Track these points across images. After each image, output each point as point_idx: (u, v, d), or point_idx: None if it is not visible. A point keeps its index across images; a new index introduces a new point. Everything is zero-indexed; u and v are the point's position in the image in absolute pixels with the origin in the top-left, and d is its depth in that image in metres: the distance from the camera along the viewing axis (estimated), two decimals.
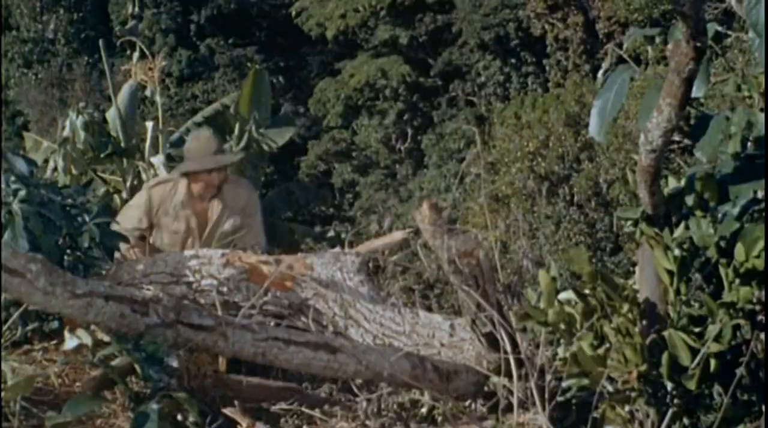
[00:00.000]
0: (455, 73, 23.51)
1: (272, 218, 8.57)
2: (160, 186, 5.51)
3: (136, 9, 10.97)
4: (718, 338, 2.93)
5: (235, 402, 3.43)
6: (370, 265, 4.87)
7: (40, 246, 3.73)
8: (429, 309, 5.17)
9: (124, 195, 7.61)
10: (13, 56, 28.24)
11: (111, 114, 8.07)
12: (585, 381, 3.10)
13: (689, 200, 3.14)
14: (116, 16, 27.21)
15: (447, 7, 24.36)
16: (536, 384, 3.13)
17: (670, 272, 3.06)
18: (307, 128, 24.15)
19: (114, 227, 4.34)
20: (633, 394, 3.05)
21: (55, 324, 3.84)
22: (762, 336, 2.98)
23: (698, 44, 2.71)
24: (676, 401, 3.05)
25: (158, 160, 7.66)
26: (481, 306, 3.29)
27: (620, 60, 3.41)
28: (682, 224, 3.12)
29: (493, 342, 3.37)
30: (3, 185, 3.83)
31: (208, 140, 5.48)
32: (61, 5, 28.77)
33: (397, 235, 4.84)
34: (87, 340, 3.52)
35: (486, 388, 3.59)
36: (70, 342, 3.59)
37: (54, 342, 3.81)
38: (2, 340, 3.59)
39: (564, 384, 3.21)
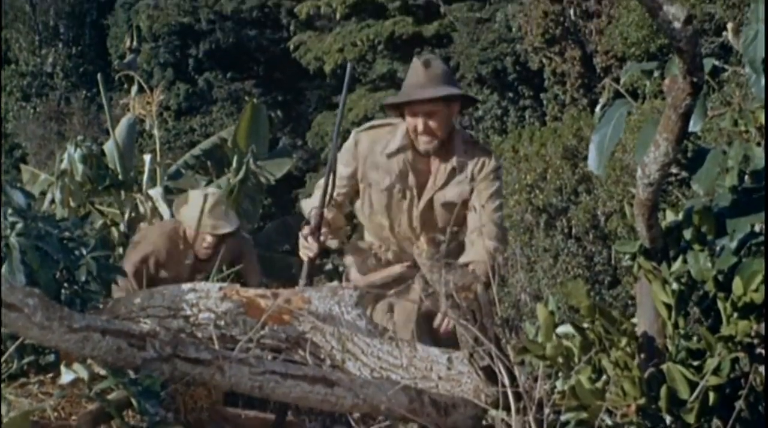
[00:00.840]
0: None
1: (270, 252, 8.55)
2: (373, 130, 4.38)
3: (135, 43, 11.06)
4: (716, 371, 2.92)
5: None
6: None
7: (37, 280, 3.72)
8: None
9: (122, 228, 7.60)
10: (11, 90, 28.41)
11: (109, 147, 8.09)
12: (583, 415, 3.09)
13: (687, 233, 3.14)
14: (114, 50, 27.43)
15: (445, 41, 24.55)
16: (534, 418, 3.11)
17: (668, 306, 3.06)
18: (304, 161, 24.23)
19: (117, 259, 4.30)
20: None
21: (51, 358, 3.82)
22: (761, 369, 2.97)
23: (695, 79, 2.71)
24: None
25: (156, 192, 7.66)
26: (478, 340, 3.27)
27: (617, 94, 3.42)
28: (680, 258, 3.12)
29: (491, 376, 3.35)
30: (0, 219, 3.82)
31: (435, 65, 4.11)
32: (60, 39, 29.01)
33: (395, 269, 4.82)
34: (83, 374, 3.50)
35: (484, 422, 3.57)
36: (66, 376, 3.57)
37: (50, 375, 3.79)
38: None
39: (562, 418, 3.19)
